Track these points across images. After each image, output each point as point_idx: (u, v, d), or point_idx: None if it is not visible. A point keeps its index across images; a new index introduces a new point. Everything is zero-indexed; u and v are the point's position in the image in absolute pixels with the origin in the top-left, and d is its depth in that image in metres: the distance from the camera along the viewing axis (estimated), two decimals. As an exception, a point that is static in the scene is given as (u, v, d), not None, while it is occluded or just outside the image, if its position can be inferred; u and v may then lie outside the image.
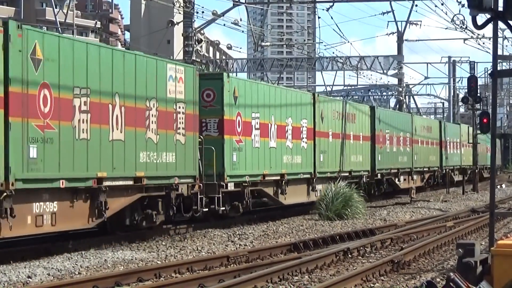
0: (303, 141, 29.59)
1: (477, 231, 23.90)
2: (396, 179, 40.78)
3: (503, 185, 54.38)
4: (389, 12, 57.61)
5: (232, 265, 16.40)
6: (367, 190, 35.57)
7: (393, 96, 73.32)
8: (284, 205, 28.58)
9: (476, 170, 50.81)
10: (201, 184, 22.38)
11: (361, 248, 18.59)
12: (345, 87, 76.84)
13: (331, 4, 42.58)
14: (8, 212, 15.28)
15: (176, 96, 21.45)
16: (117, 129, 18.86)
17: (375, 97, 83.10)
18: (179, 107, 21.60)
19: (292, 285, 14.13)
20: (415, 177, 44.45)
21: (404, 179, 42.29)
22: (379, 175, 37.89)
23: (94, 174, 17.86)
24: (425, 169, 47.00)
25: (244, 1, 41.79)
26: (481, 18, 10.84)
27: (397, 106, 62.82)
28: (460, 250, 8.72)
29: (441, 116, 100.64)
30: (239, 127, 24.69)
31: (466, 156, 56.47)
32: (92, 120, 17.89)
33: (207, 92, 23.74)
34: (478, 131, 46.13)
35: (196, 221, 23.52)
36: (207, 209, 23.00)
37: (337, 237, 20.70)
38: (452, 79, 79.28)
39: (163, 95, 20.87)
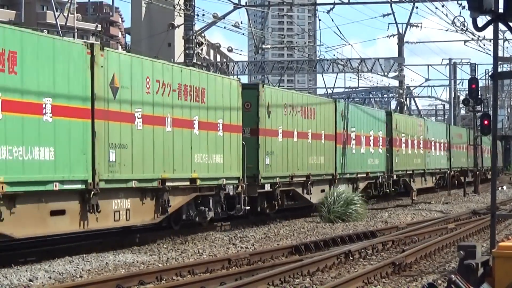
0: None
1: (478, 233, 23.88)
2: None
3: (504, 187, 54.26)
4: (390, 14, 57.68)
5: (234, 267, 16.39)
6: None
7: (394, 98, 73.36)
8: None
9: (477, 172, 50.81)
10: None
11: (363, 250, 18.59)
12: (346, 89, 76.87)
13: (332, 6, 42.69)
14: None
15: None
16: None
17: (376, 99, 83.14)
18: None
19: (293, 287, 14.12)
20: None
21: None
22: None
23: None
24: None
25: (244, 4, 41.85)
26: (482, 20, 10.86)
27: (398, 108, 62.80)
28: (461, 252, 8.71)
29: (442, 118, 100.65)
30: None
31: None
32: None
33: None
34: (479, 133, 46.18)
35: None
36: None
37: (339, 239, 20.69)
38: (452, 81, 79.34)
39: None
